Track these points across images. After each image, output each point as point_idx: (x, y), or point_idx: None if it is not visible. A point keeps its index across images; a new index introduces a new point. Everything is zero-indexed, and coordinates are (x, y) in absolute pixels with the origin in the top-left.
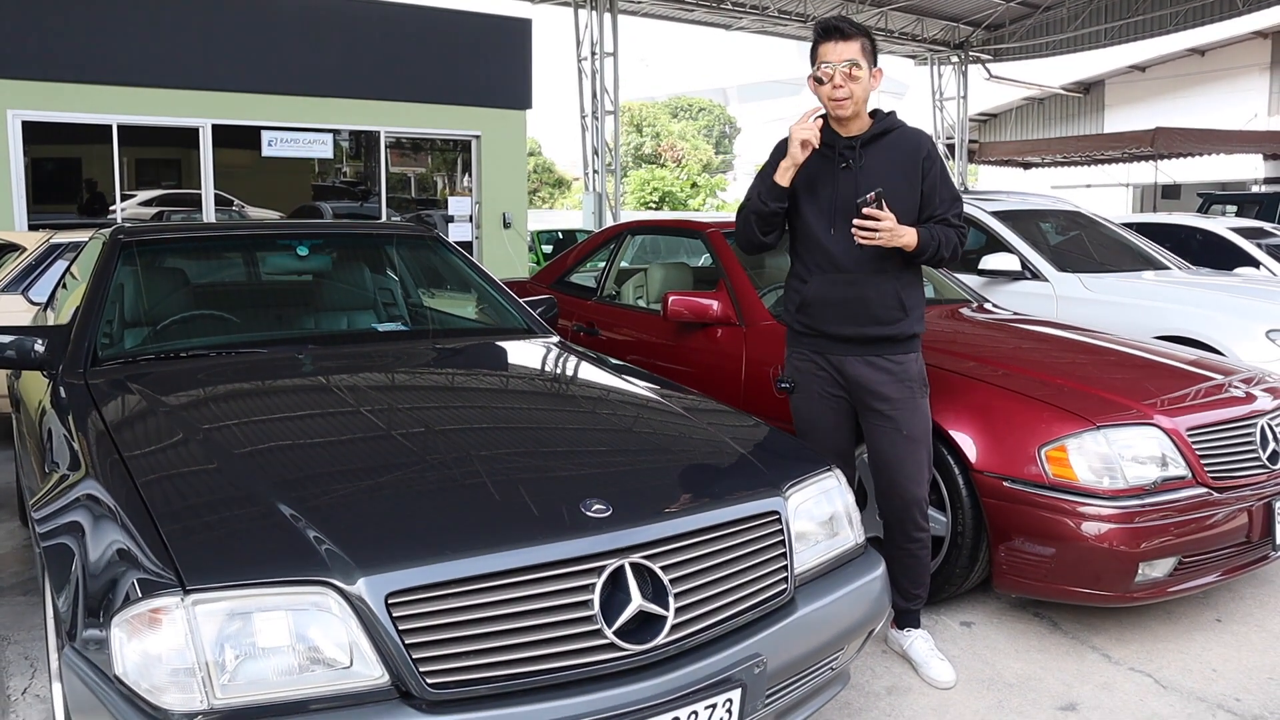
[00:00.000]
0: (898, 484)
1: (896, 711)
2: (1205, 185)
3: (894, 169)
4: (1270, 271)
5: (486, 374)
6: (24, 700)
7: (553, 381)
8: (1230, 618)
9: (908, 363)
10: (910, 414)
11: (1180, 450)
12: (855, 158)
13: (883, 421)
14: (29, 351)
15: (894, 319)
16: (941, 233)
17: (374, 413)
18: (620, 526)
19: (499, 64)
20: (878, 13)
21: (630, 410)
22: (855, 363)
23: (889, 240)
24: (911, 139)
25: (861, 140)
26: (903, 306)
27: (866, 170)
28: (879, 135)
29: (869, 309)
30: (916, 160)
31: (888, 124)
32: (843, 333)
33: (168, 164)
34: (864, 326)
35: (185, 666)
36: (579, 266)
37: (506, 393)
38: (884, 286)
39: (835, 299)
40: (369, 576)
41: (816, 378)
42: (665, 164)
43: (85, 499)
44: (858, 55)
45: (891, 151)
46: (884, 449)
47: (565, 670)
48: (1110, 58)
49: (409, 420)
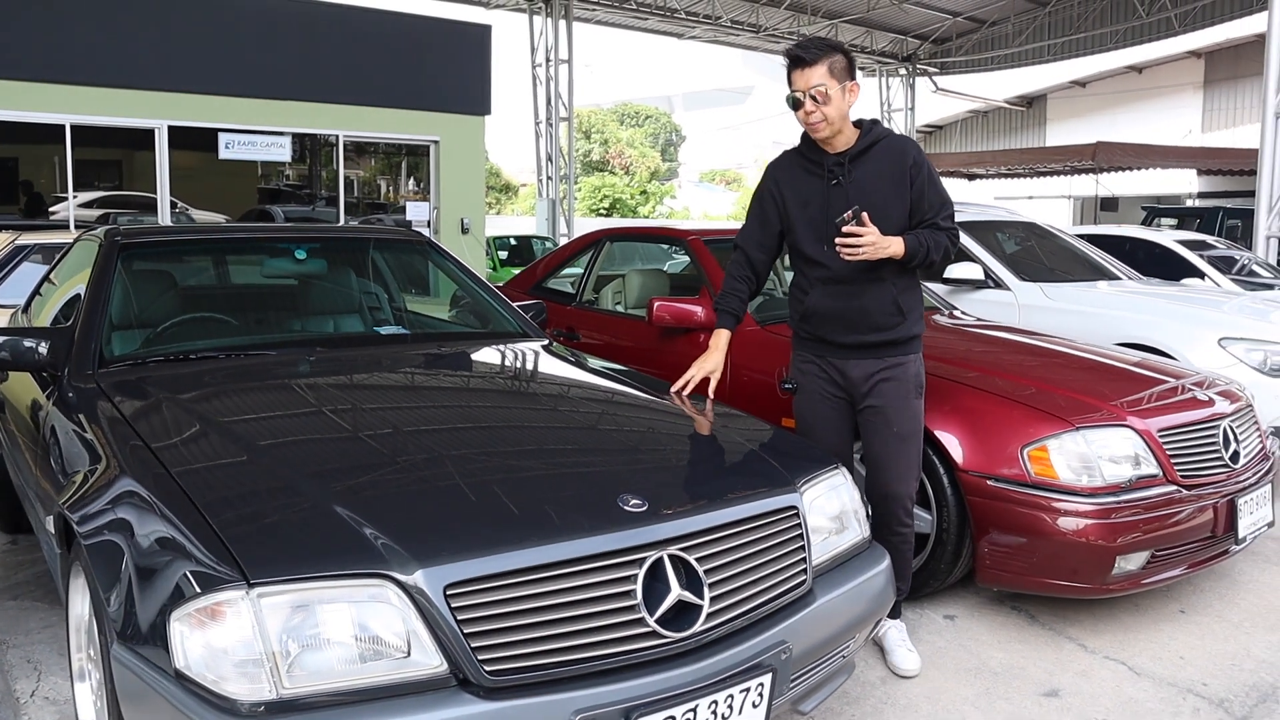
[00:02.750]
0: (887, 480)
1: (892, 699)
2: (1142, 199)
3: (883, 180)
4: (1214, 282)
5: (499, 375)
6: (34, 702)
7: (567, 383)
8: (1193, 609)
9: (907, 364)
10: (902, 413)
11: (1152, 450)
12: (844, 173)
13: (877, 419)
14: (26, 352)
15: (893, 324)
16: (930, 237)
17: (397, 411)
18: (657, 520)
19: (458, 69)
20: (829, 25)
21: (647, 411)
22: (856, 364)
23: (874, 253)
24: (898, 148)
25: (849, 155)
26: (900, 311)
27: (856, 184)
28: (866, 149)
29: (868, 317)
30: (904, 168)
31: (874, 135)
32: (844, 340)
33: (115, 165)
34: (865, 334)
35: (253, 657)
36: (556, 272)
37: (524, 394)
38: (881, 295)
39: (835, 310)
40: (427, 568)
41: (819, 380)
42: (614, 171)
43: (127, 497)
44: (824, 79)
45: (879, 163)
46: (876, 446)
47: (612, 657)
48: (1053, 73)
49: (433, 418)
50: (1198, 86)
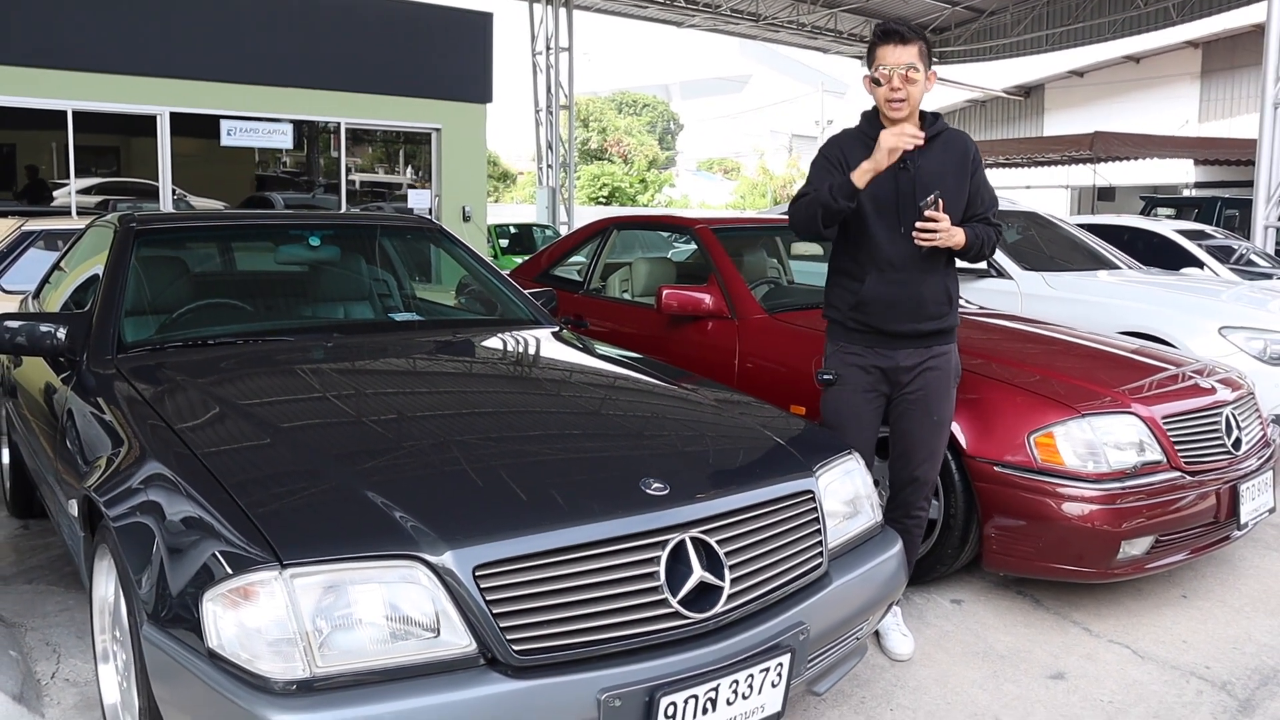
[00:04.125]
0: (916, 464)
1: (902, 681)
2: (1140, 189)
3: (948, 171)
4: (1214, 272)
5: (517, 361)
6: (55, 684)
7: (583, 369)
8: (1194, 594)
9: (949, 353)
10: (943, 402)
11: (1156, 436)
12: (912, 160)
13: (917, 407)
14: (43, 338)
15: (943, 313)
16: (984, 231)
17: (417, 396)
18: (678, 504)
19: (460, 58)
20: (828, 14)
21: (663, 397)
22: (906, 354)
23: (945, 240)
24: (960, 141)
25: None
26: (950, 300)
27: (923, 172)
28: (933, 138)
29: (923, 305)
30: (966, 162)
31: (939, 127)
32: (899, 329)
33: (113, 151)
34: (919, 322)
35: (286, 637)
36: (562, 261)
37: (542, 379)
38: (935, 283)
39: (892, 297)
40: (456, 550)
41: (860, 373)
42: (612, 159)
43: (155, 479)
44: (915, 59)
45: (945, 154)
46: (911, 430)
47: (636, 637)
48: (1050, 63)
49: (454, 403)
50: (1195, 77)
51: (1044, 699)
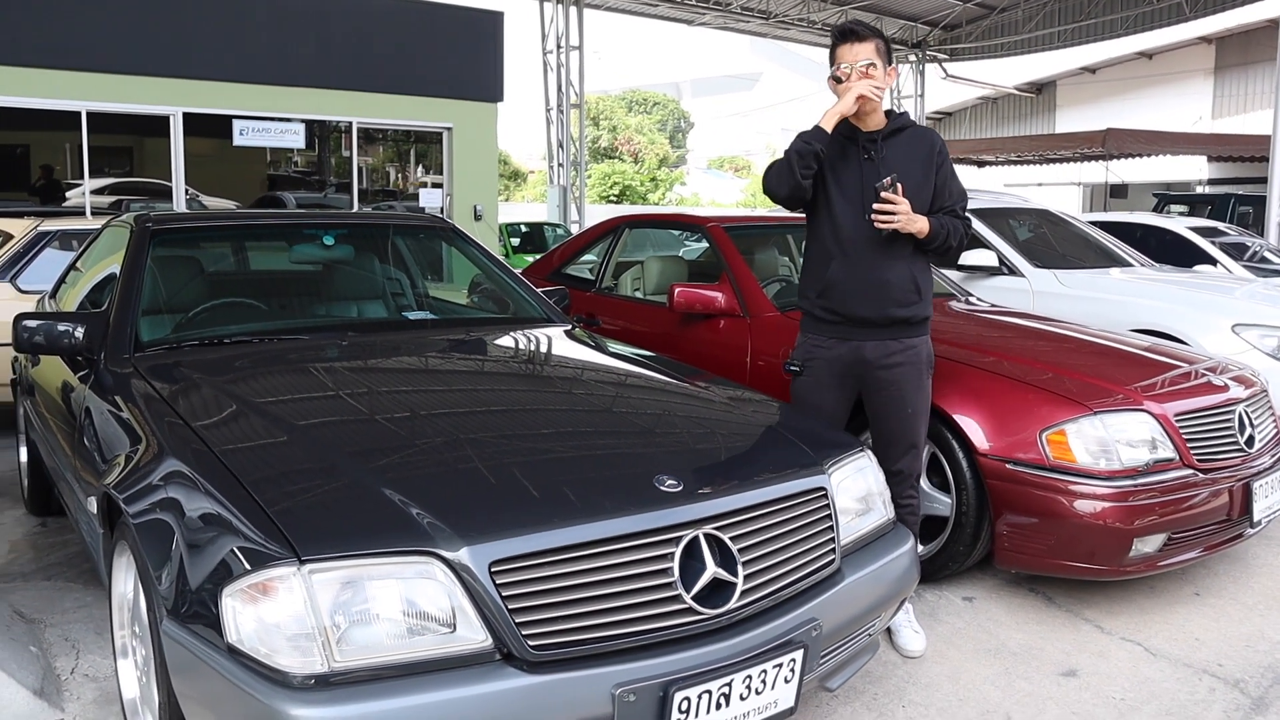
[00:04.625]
0: (896, 456)
1: (914, 678)
2: (1152, 186)
3: (912, 162)
4: (1226, 269)
5: (531, 359)
6: (74, 679)
7: (596, 367)
8: (1207, 592)
9: (919, 345)
10: (917, 393)
11: (1168, 434)
12: (877, 150)
13: (892, 400)
14: (61, 337)
15: (911, 301)
16: (950, 222)
17: (432, 394)
18: (691, 500)
19: (470, 57)
20: (838, 11)
21: (676, 394)
22: (873, 345)
23: (905, 225)
24: (925, 136)
25: (882, 134)
26: (918, 290)
27: (887, 162)
28: (896, 131)
29: (889, 292)
30: (931, 155)
31: (903, 121)
32: (865, 315)
33: (126, 152)
34: (885, 309)
35: (304, 632)
36: (574, 259)
37: (556, 377)
38: (901, 269)
39: (858, 282)
40: (473, 546)
41: (828, 363)
42: (622, 157)
43: (173, 477)
44: (873, 56)
45: (909, 146)
46: (889, 424)
47: (650, 632)
48: (1062, 59)
49: (469, 401)
50: (1208, 72)
51: (1056, 696)
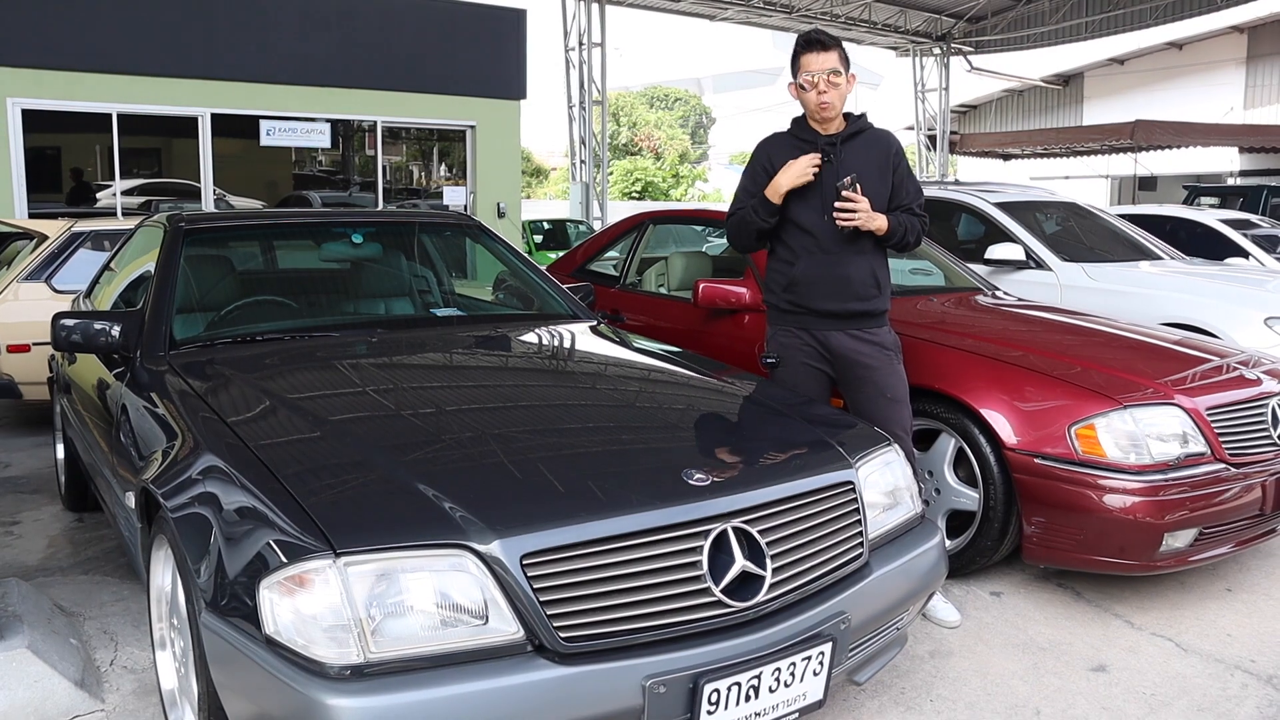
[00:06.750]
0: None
1: (941, 673)
2: (1182, 178)
3: (869, 164)
4: (1259, 261)
5: (558, 355)
6: (114, 671)
7: (622, 362)
8: (1239, 587)
9: (882, 334)
10: (890, 377)
11: (1200, 428)
12: (836, 153)
13: (867, 386)
14: (97, 335)
15: (871, 295)
16: (907, 219)
17: (462, 389)
18: (720, 494)
19: (493, 55)
20: (862, 5)
21: (703, 389)
22: (839, 336)
23: (865, 222)
24: (883, 138)
25: (840, 138)
26: (878, 284)
27: (846, 164)
28: (855, 134)
29: (851, 286)
30: (888, 156)
31: (861, 125)
32: (828, 308)
33: (154, 153)
34: (847, 302)
35: (340, 623)
36: (598, 256)
37: (583, 373)
38: (862, 265)
39: (822, 277)
40: (505, 539)
41: (801, 351)
42: (643, 154)
43: (211, 472)
44: (837, 64)
45: (867, 149)
46: (870, 411)
47: (680, 625)
48: (1090, 50)
49: (498, 396)
50: (1240, 62)
51: (1085, 691)
